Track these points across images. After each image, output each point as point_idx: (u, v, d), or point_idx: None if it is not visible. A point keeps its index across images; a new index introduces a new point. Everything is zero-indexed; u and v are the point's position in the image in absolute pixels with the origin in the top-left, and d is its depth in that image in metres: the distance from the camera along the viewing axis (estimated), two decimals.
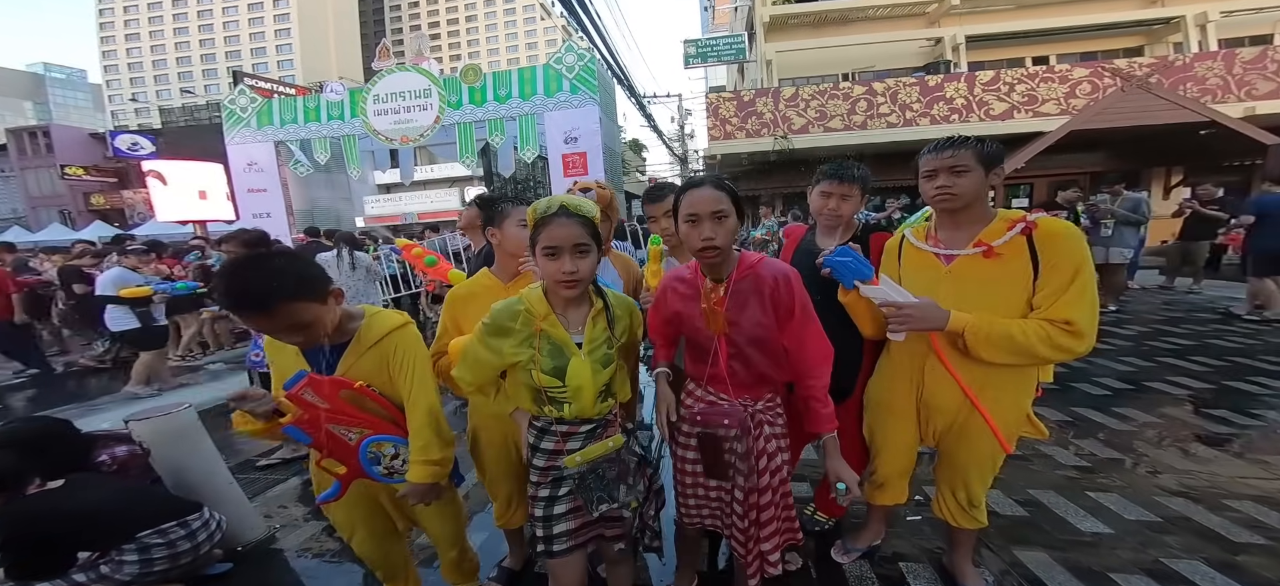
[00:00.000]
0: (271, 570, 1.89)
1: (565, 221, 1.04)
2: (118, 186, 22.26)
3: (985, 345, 1.10)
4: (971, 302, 1.14)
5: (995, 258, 1.15)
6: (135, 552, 1.54)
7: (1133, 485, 2.07)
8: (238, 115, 10.40)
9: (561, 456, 1.11)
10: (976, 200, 1.18)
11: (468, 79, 9.24)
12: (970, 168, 1.15)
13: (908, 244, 1.32)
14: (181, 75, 62.90)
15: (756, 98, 10.11)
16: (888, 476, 1.44)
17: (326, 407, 1.09)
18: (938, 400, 1.25)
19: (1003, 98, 9.35)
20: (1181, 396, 2.93)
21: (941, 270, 1.22)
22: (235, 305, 1.02)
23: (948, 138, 1.19)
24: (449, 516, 1.40)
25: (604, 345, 1.11)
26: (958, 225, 1.22)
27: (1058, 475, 2.15)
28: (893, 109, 9.68)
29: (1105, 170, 8.90)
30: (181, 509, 1.68)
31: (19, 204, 24.71)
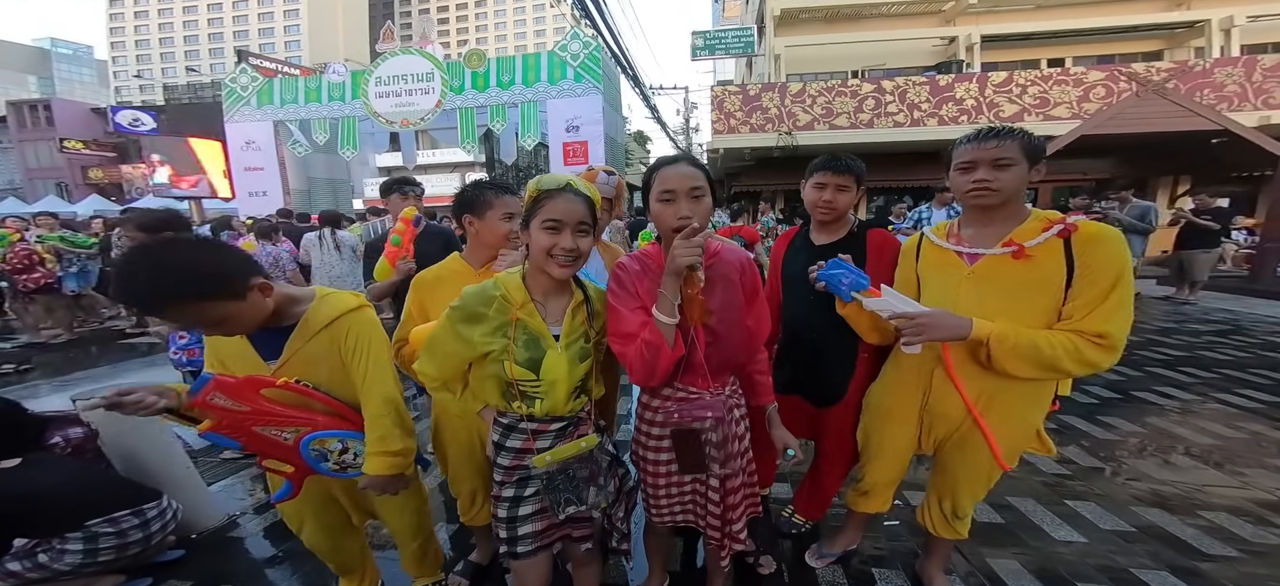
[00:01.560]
0: (226, 558, 1.82)
1: (572, 197, 1.00)
2: (117, 161, 22.30)
3: (1011, 357, 1.03)
4: (992, 308, 1.07)
5: (1025, 259, 1.06)
6: (80, 541, 1.45)
7: (1110, 494, 2.06)
8: (238, 94, 10.36)
9: (529, 455, 1.05)
10: (1015, 197, 1.09)
11: (471, 64, 9.16)
12: (1015, 161, 1.05)
13: (927, 242, 1.25)
14: (188, 54, 62.56)
15: (762, 92, 9.99)
16: (876, 484, 1.40)
17: (247, 410, 1.00)
18: (943, 408, 1.20)
19: (1014, 100, 9.20)
20: (1167, 407, 2.91)
21: (963, 271, 1.14)
22: (129, 305, 0.93)
23: (990, 127, 1.09)
24: (411, 508, 1.35)
25: (582, 338, 1.06)
26: (988, 222, 1.13)
27: (1037, 482, 2.14)
28: (901, 108, 9.55)
29: (1113, 177, 8.80)
30: (138, 496, 1.59)
31: (16, 176, 24.75)
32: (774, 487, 2.11)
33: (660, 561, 1.48)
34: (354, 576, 1.44)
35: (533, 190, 1.02)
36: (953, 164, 1.14)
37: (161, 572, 1.70)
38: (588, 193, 1.03)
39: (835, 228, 1.47)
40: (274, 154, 10.45)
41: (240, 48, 23.14)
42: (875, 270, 1.34)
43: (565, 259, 0.99)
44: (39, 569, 1.43)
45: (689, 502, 1.22)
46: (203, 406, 0.98)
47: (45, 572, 1.44)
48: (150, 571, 1.69)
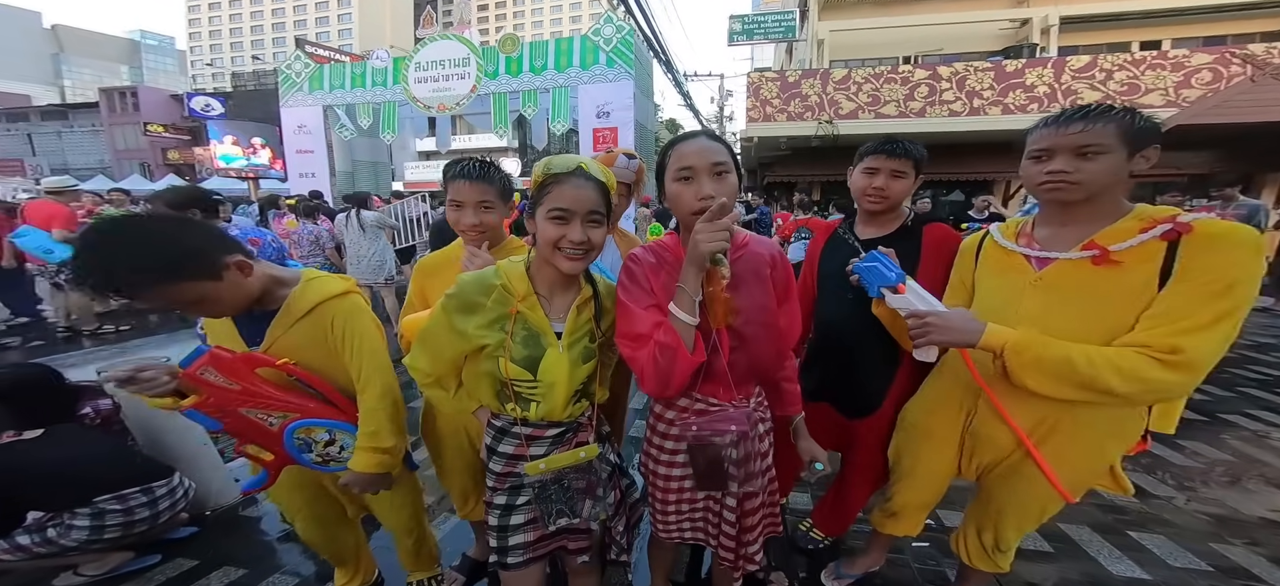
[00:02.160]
0: (237, 536, 1.84)
1: (583, 183, 0.88)
2: (191, 144, 24.28)
3: (1032, 371, 0.87)
4: (1059, 324, 0.89)
5: (1109, 265, 0.87)
6: (87, 518, 1.45)
7: (1184, 527, 1.80)
8: (293, 80, 10.93)
9: (522, 462, 0.96)
10: (1105, 191, 0.89)
11: (505, 49, 9.23)
12: (1106, 148, 0.85)
13: (990, 243, 1.07)
14: (254, 43, 67.09)
15: (802, 79, 9.51)
16: (906, 506, 1.26)
17: (237, 389, 0.96)
18: (990, 433, 1.05)
19: (1097, 86, 8.20)
20: (1261, 433, 2.53)
21: (1028, 276, 0.96)
22: (86, 285, 0.85)
23: (1080, 107, 0.90)
24: (405, 504, 1.30)
25: (586, 338, 0.96)
26: (1068, 220, 0.94)
27: (1095, 508, 1.90)
28: (958, 96, 8.81)
29: (1211, 173, 7.76)
30: (151, 473, 1.59)
31: (105, 155, 27.42)
32: (792, 496, 1.98)
33: (663, 572, 1.38)
34: (348, 568, 1.42)
35: (539, 173, 0.92)
36: (1026, 150, 0.96)
37: (172, 549, 1.73)
38: (601, 177, 0.92)
39: (885, 220, 1.30)
40: (323, 137, 10.99)
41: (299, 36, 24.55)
42: (930, 272, 1.18)
43: (574, 252, 0.88)
44: (47, 544, 1.44)
45: (700, 520, 1.11)
46: (192, 380, 0.93)
47: (53, 548, 1.44)
48: (161, 548, 1.71)
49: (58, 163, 26.15)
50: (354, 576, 1.43)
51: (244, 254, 0.95)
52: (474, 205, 1.16)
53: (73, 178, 4.90)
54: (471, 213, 1.16)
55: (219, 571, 1.63)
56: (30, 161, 22.56)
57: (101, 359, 2.01)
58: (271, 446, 1.03)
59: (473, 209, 1.16)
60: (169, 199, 2.33)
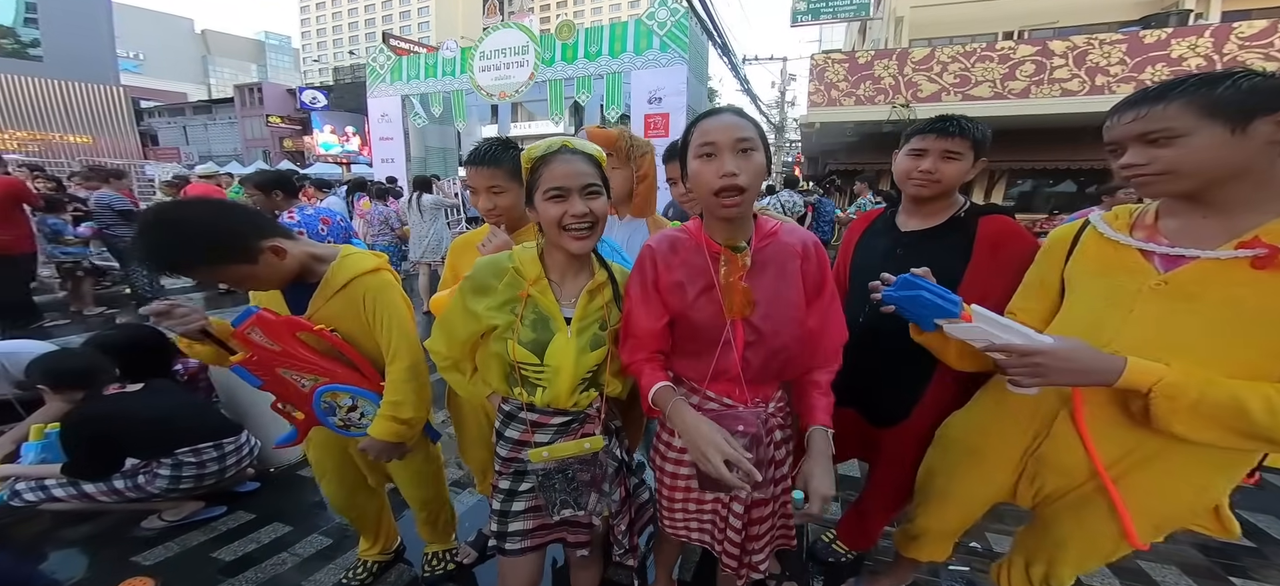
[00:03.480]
0: (295, 492, 2.05)
1: (571, 157, 0.89)
2: (301, 133, 27.66)
3: (1190, 417, 0.70)
4: (1183, 343, 0.73)
5: (1275, 270, 0.68)
6: (169, 467, 1.65)
7: None
8: (377, 72, 11.95)
9: (527, 448, 0.96)
10: (1234, 176, 0.70)
11: (562, 36, 9.36)
12: (1182, 130, 0.70)
13: (1092, 235, 0.89)
14: (352, 39, 74.54)
15: (875, 60, 8.64)
16: (928, 530, 1.13)
17: (278, 350, 1.05)
18: (1063, 460, 0.90)
19: (1274, 55, 6.51)
20: None
21: (1148, 279, 0.78)
22: (142, 264, 1.00)
23: (1142, 90, 0.76)
24: (425, 477, 1.37)
25: (596, 325, 0.95)
26: (1211, 210, 0.75)
27: (1192, 547, 1.58)
28: (1075, 74, 7.51)
29: None
30: (222, 429, 1.78)
31: (237, 144, 32.00)
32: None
33: (667, 568, 1.37)
34: (370, 535, 1.53)
35: (526, 161, 0.92)
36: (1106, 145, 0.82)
37: (236, 502, 1.95)
38: (589, 150, 0.92)
39: (934, 209, 1.14)
40: (401, 125, 11.97)
41: (385, 31, 26.80)
42: (984, 274, 1.03)
43: (580, 227, 0.87)
44: (137, 489, 1.67)
45: (707, 522, 1.07)
46: (241, 338, 1.04)
47: (141, 493, 1.67)
48: (228, 500, 1.93)
49: (204, 151, 31.19)
50: (375, 542, 1.55)
51: (282, 236, 1.04)
52: (484, 190, 1.21)
53: (215, 163, 5.93)
54: (484, 197, 1.21)
55: (269, 526, 1.85)
56: (185, 150, 27.17)
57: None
58: (302, 406, 1.12)
59: (484, 194, 1.21)
60: (257, 181, 2.65)
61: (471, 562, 1.63)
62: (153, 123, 33.91)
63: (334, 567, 1.64)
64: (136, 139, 19.05)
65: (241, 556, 1.69)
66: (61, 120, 17.24)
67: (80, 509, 1.71)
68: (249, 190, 2.74)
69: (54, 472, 1.65)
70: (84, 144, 17.04)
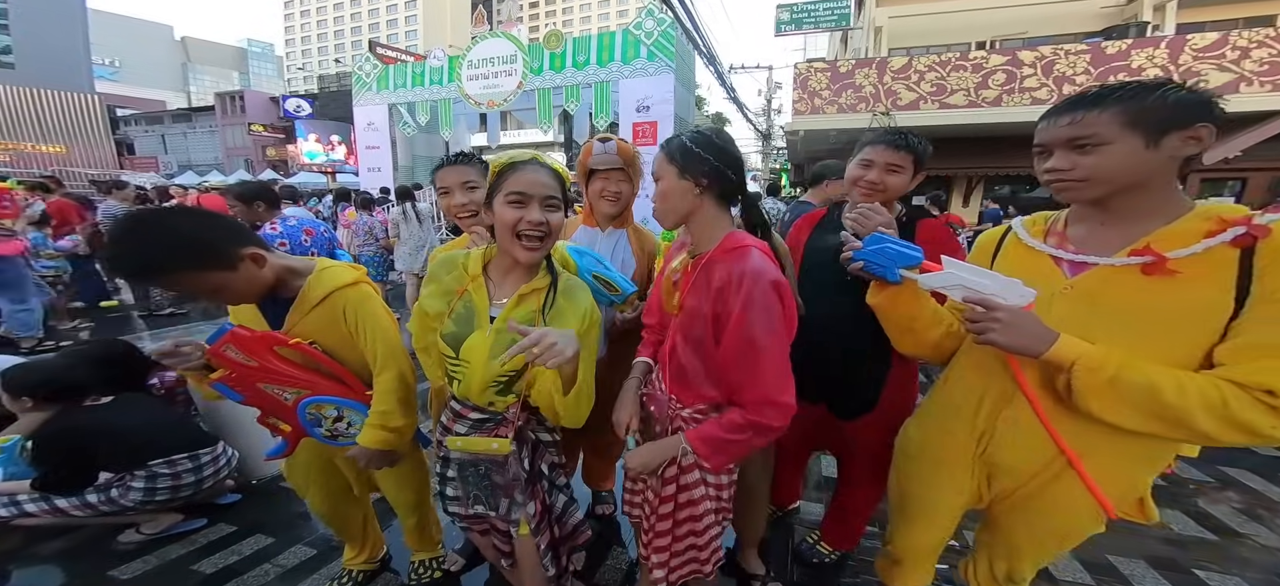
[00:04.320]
0: (276, 504, 2.00)
1: (539, 169, 0.92)
2: (285, 141, 27.23)
3: (1107, 396, 0.73)
4: (1094, 342, 0.77)
5: (1164, 275, 0.73)
6: (143, 480, 1.63)
7: (1265, 568, 1.54)
8: (363, 80, 11.89)
9: (449, 434, 1.03)
10: (1136, 186, 0.76)
11: (550, 45, 9.44)
12: (1107, 138, 0.73)
13: (1013, 240, 0.94)
14: (337, 46, 73.87)
15: (856, 69, 8.88)
16: (911, 550, 1.11)
17: (255, 366, 1.05)
18: (1009, 459, 0.91)
19: (1228, 66, 6.93)
20: None
21: (1059, 283, 0.84)
22: (117, 272, 0.96)
23: (1069, 97, 0.80)
24: (411, 481, 1.37)
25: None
26: (1109, 218, 0.81)
27: (1156, 541, 1.66)
28: (1043, 83, 7.82)
29: None
30: (197, 441, 1.76)
31: (218, 153, 31.39)
32: (803, 506, 1.92)
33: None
34: (356, 544, 1.52)
35: (496, 166, 0.96)
36: (1033, 149, 0.85)
37: (217, 514, 1.92)
38: (555, 167, 0.96)
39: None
40: (388, 134, 11.90)
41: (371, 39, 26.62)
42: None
43: (532, 236, 0.90)
44: (110, 502, 1.63)
45: (639, 500, 1.12)
46: (217, 355, 1.03)
47: (114, 507, 1.64)
48: (208, 512, 1.90)
49: (183, 160, 30.50)
50: (361, 551, 1.54)
51: (259, 247, 1.02)
52: (459, 186, 1.27)
53: (195, 173, 5.81)
54: (459, 193, 1.27)
55: (252, 537, 1.83)
56: (163, 158, 26.53)
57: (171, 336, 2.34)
58: (287, 419, 1.13)
59: (459, 190, 1.27)
60: (238, 191, 2.64)
61: (459, 569, 1.63)
62: (129, 131, 33.08)
63: (318, 578, 1.62)
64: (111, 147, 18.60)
65: (222, 568, 1.67)
66: (34, 129, 16.74)
67: (53, 524, 1.67)
68: (230, 200, 2.73)
69: (24, 487, 1.61)
70: (57, 153, 16.56)
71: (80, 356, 1.81)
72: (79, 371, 1.71)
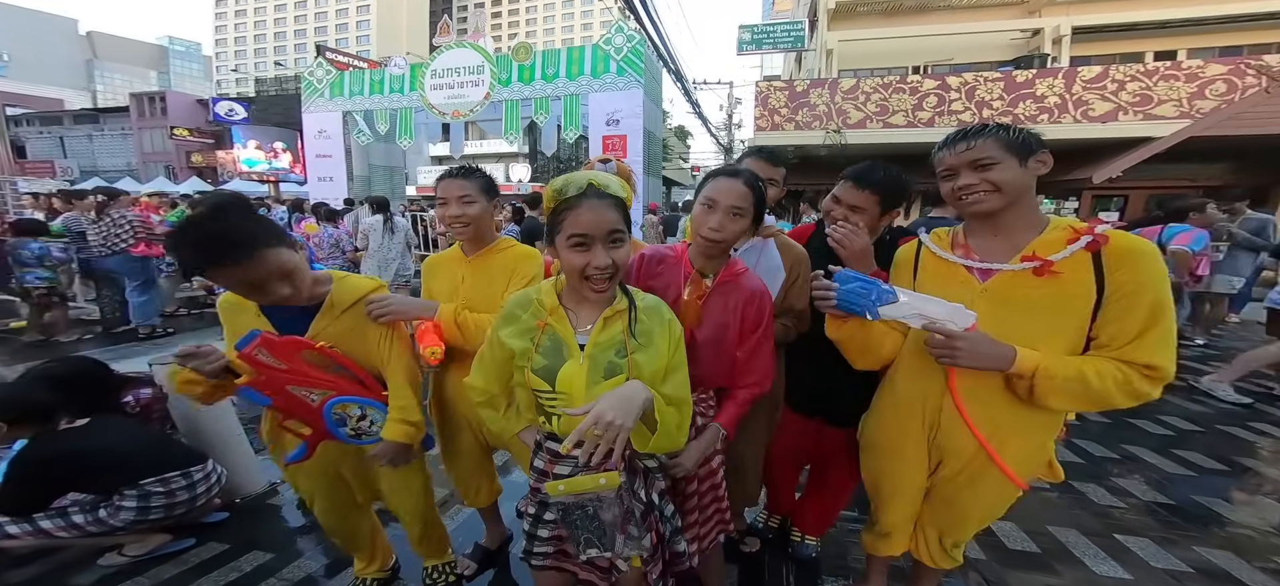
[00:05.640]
0: (267, 520, 1.96)
1: (596, 204, 0.87)
2: (214, 147, 25.04)
3: (1057, 393, 0.91)
4: (1010, 332, 0.93)
5: (1050, 276, 0.92)
6: (135, 499, 1.57)
7: (1169, 531, 1.84)
8: (314, 86, 11.29)
9: (547, 480, 0.94)
10: (1018, 200, 0.95)
11: (518, 57, 9.45)
12: (996, 158, 0.93)
13: (926, 253, 1.10)
14: (277, 49, 69.14)
15: (810, 88, 9.58)
16: (894, 525, 1.26)
17: (284, 368, 1.07)
18: (953, 444, 1.07)
19: (1108, 97, 8.14)
20: (1258, 445, 2.55)
21: (974, 288, 1.00)
22: (214, 254, 0.96)
23: (961, 129, 0.99)
24: (416, 490, 1.40)
25: (612, 352, 0.92)
26: (997, 231, 1.00)
27: (1084, 513, 1.96)
28: (968, 106, 8.80)
29: (1224, 185, 7.66)
30: (188, 458, 1.71)
31: (133, 158, 28.39)
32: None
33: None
34: (364, 555, 1.52)
35: (550, 199, 0.93)
36: (937, 174, 1.03)
37: (205, 533, 1.84)
38: (617, 191, 0.92)
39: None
40: (341, 142, 11.33)
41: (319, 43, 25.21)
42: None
43: (601, 279, 0.88)
44: (98, 523, 1.56)
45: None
46: (248, 359, 1.04)
47: (103, 527, 1.57)
48: (195, 531, 1.82)
49: (88, 164, 27.20)
50: (371, 562, 1.53)
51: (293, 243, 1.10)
52: (455, 199, 1.34)
53: (102, 179, 5.32)
54: (454, 205, 1.34)
55: (249, 555, 1.75)
56: (61, 162, 23.50)
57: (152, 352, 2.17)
58: (312, 421, 1.14)
59: (455, 202, 1.34)
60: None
61: (472, 574, 1.64)
62: (21, 132, 29.11)
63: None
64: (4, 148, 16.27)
65: (225, 585, 1.60)
66: None
67: (36, 546, 1.55)
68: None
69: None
70: None
71: (40, 377, 1.68)
72: (38, 393, 1.61)
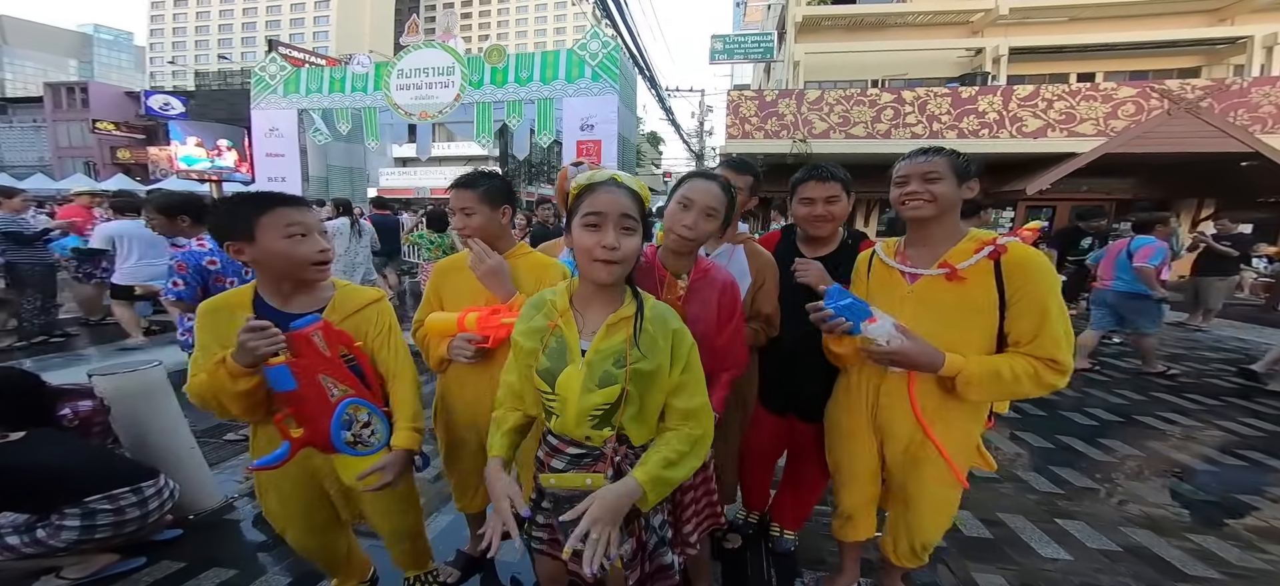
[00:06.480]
0: (225, 535, 1.86)
1: (615, 189, 0.91)
2: (145, 143, 23.07)
3: (975, 388, 1.05)
4: (929, 329, 1.08)
5: (958, 281, 1.08)
6: (78, 518, 1.45)
7: (1101, 514, 2.05)
8: (266, 82, 10.66)
9: (545, 469, 0.99)
10: (948, 212, 1.12)
11: (491, 59, 9.31)
12: (944, 175, 1.09)
13: (877, 259, 1.26)
14: (222, 42, 64.52)
15: (779, 98, 9.97)
16: (854, 507, 1.35)
17: (329, 357, 1.06)
18: (891, 425, 1.20)
19: (1039, 114, 8.97)
20: (1168, 432, 2.88)
21: (904, 289, 1.16)
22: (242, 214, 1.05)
23: (923, 146, 1.15)
24: (407, 507, 1.35)
25: (611, 361, 0.91)
26: (925, 241, 1.16)
27: (1029, 500, 2.15)
28: (920, 119, 9.43)
29: (1135, 198, 8.59)
30: (137, 474, 1.60)
31: (46, 153, 25.82)
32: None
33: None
34: (340, 572, 1.45)
35: (575, 188, 0.97)
36: (893, 182, 1.18)
37: (157, 551, 1.72)
38: (635, 187, 0.95)
39: (827, 238, 1.45)
40: (296, 141, 10.74)
41: (271, 37, 23.77)
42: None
43: (605, 257, 0.88)
44: (36, 544, 1.43)
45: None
46: (302, 340, 1.03)
47: (41, 548, 1.44)
48: (146, 550, 1.70)
49: None
50: (347, 578, 1.46)
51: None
52: (458, 211, 1.35)
53: (10, 175, 4.89)
54: (458, 217, 1.35)
55: (209, 572, 1.65)
56: None
57: (92, 361, 1.99)
58: (320, 418, 1.05)
59: (458, 214, 1.35)
60: (159, 203, 2.37)
61: (455, 581, 1.61)
62: None
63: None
64: None
65: None
66: None
67: None
68: (149, 213, 2.38)
69: None
70: None
71: None
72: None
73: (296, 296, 1.15)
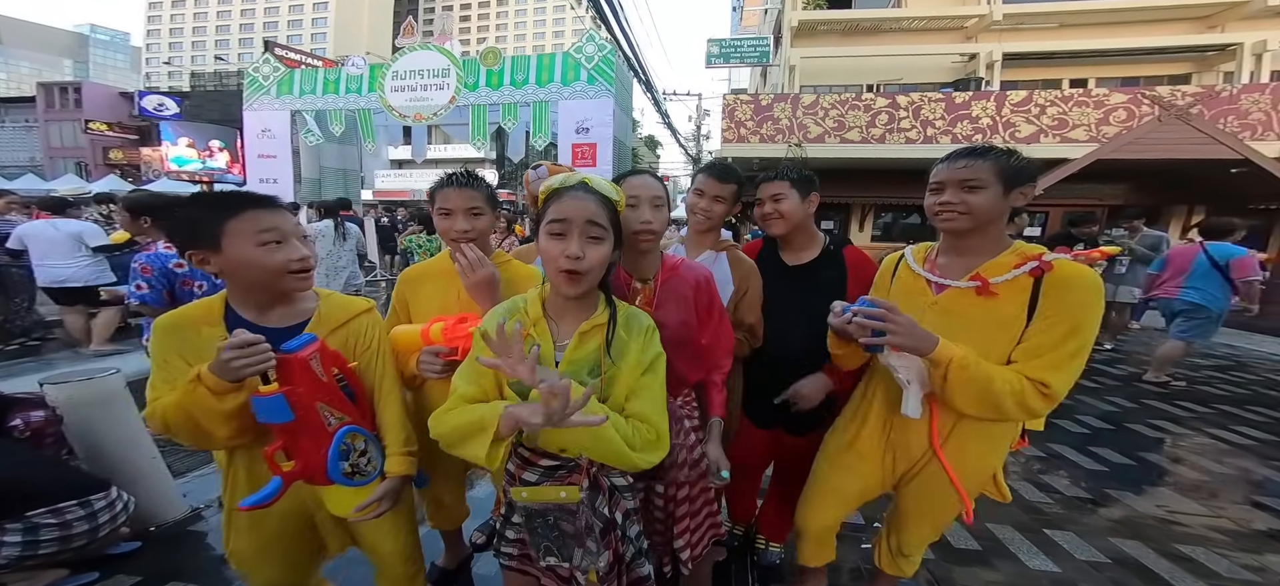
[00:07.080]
0: (182, 552, 1.78)
1: (581, 195, 0.86)
2: (138, 144, 22.86)
3: (964, 385, 0.95)
4: (951, 340, 0.99)
5: (989, 296, 0.98)
6: (20, 533, 1.38)
7: (1090, 524, 2.02)
8: (259, 83, 10.60)
9: (516, 483, 0.95)
10: (989, 224, 1.00)
11: (487, 62, 9.29)
12: (986, 184, 0.97)
13: (903, 265, 1.18)
14: (218, 43, 64.28)
15: (774, 102, 9.97)
16: (822, 529, 1.26)
17: (325, 381, 0.94)
18: (905, 439, 1.13)
19: (1032, 120, 8.98)
20: (1159, 440, 2.86)
21: (927, 300, 1.07)
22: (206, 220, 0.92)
23: (967, 147, 1.02)
24: (407, 528, 1.23)
25: (586, 370, 0.89)
26: (960, 251, 1.06)
27: (1018, 510, 2.11)
28: (914, 124, 9.44)
29: (1125, 203, 8.63)
30: (87, 486, 1.53)
31: (37, 153, 25.43)
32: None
33: None
34: None
35: (544, 192, 0.92)
36: (928, 189, 1.08)
37: (113, 565, 1.65)
38: (608, 192, 0.90)
39: (803, 245, 1.42)
40: (288, 143, 10.67)
41: (268, 38, 23.69)
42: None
43: (568, 268, 0.83)
44: None
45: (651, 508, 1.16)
46: (298, 365, 0.89)
47: None
48: (99, 565, 1.63)
49: None
50: None
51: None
52: (463, 212, 1.21)
53: (1, 177, 4.71)
54: (462, 219, 1.21)
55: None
56: None
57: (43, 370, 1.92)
58: (317, 449, 0.95)
59: (462, 215, 1.21)
60: (129, 202, 2.37)
61: None
62: None
63: None
64: None
65: None
66: None
67: None
68: (119, 210, 2.33)
69: None
70: None
71: None
72: None
73: (275, 308, 1.01)
